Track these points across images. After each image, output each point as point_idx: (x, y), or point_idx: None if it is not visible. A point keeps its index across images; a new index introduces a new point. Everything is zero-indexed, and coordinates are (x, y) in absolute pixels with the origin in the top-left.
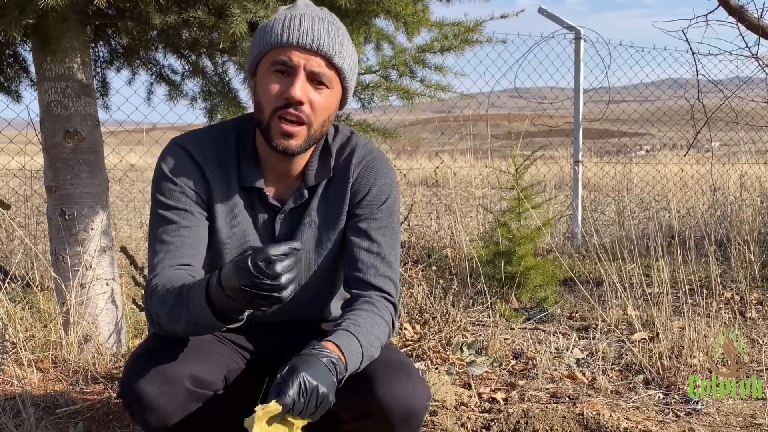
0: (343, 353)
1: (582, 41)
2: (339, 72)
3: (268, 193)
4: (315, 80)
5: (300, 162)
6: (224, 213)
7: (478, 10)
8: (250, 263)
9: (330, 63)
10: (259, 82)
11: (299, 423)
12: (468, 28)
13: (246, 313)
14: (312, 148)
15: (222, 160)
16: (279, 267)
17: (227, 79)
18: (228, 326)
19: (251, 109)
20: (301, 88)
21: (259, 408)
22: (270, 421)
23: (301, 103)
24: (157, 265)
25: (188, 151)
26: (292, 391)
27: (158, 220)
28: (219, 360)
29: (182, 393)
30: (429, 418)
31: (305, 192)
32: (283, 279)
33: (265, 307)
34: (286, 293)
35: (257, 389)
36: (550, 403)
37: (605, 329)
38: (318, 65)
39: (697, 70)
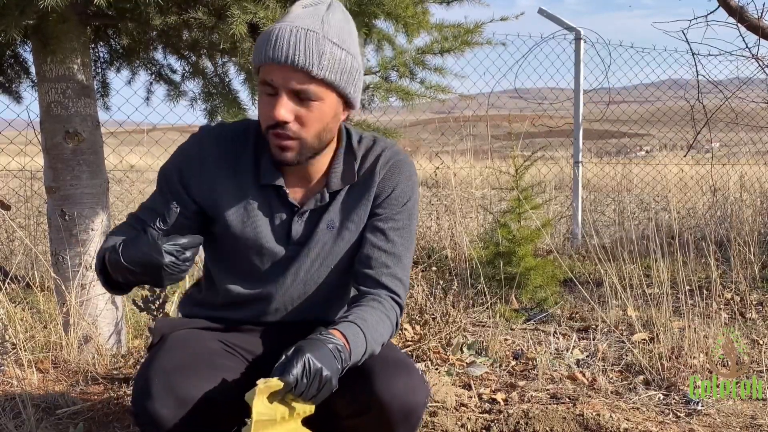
0: (348, 342)
1: (582, 42)
2: (323, 82)
3: (287, 192)
4: (298, 97)
5: (319, 166)
6: (235, 209)
7: (477, 13)
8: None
9: (309, 76)
10: (257, 98)
11: (300, 408)
12: (468, 30)
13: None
14: (332, 153)
15: (238, 158)
16: (188, 254)
17: (227, 80)
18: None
19: (251, 111)
20: (284, 108)
21: (261, 381)
22: (271, 399)
23: (285, 122)
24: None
25: (203, 146)
26: (296, 370)
27: (149, 199)
28: (230, 375)
29: (197, 416)
30: (429, 418)
31: (327, 196)
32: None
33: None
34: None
35: None
36: (550, 404)
37: (605, 330)
38: (298, 81)
39: (697, 71)
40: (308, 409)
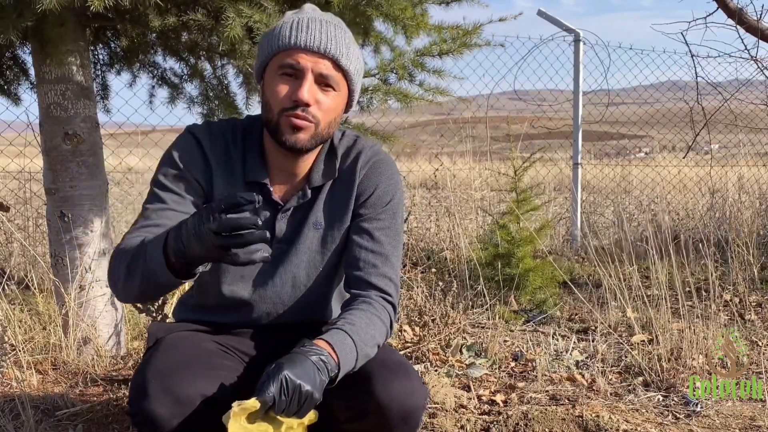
0: (335, 351)
1: (581, 43)
2: (346, 74)
3: (271, 190)
4: (322, 82)
5: (305, 163)
6: None
7: (476, 14)
8: (222, 203)
9: (337, 65)
10: (267, 84)
11: (291, 422)
12: (466, 32)
13: (200, 269)
14: (318, 150)
15: (228, 154)
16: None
17: (226, 82)
18: (181, 280)
19: (247, 113)
20: (308, 90)
21: (235, 404)
22: (252, 419)
23: (308, 104)
24: (130, 234)
25: (198, 139)
26: (273, 389)
27: (150, 197)
28: (227, 375)
29: (194, 415)
30: (429, 420)
31: (309, 192)
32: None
33: (236, 253)
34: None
35: None
36: (549, 405)
37: (604, 331)
38: (326, 68)
39: (696, 73)
40: (307, 419)
